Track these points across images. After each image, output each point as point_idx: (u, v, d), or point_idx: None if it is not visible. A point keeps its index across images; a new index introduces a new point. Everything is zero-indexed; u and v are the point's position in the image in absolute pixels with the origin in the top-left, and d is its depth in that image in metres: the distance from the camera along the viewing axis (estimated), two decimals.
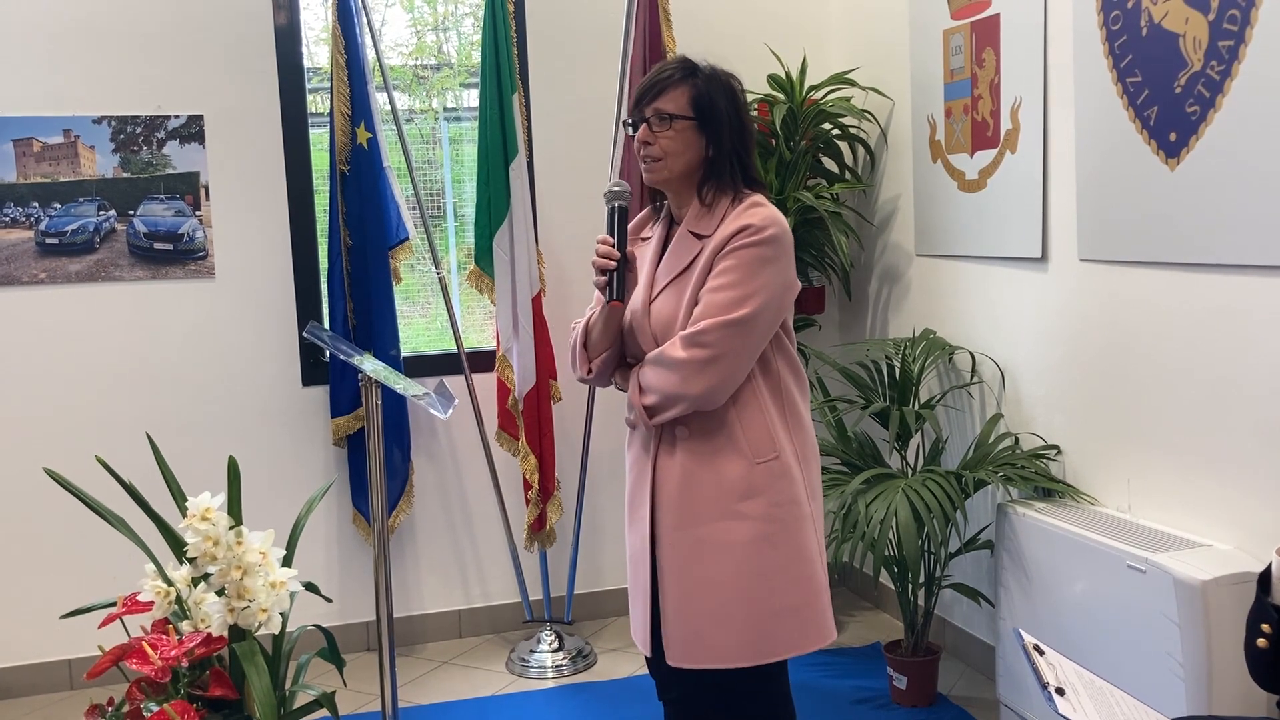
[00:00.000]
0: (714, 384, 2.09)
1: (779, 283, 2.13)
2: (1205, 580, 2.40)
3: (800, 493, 2.19)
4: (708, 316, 2.08)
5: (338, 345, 2.89)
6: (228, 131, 3.76)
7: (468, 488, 4.06)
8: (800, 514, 2.18)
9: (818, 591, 2.21)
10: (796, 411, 2.23)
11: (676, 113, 2.15)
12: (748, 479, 2.15)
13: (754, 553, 2.15)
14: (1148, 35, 2.68)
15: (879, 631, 3.94)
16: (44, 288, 3.66)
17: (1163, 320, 2.73)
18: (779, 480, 2.16)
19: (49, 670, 3.73)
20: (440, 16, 4.28)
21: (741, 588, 2.15)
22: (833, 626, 2.25)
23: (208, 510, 2.28)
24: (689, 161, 2.17)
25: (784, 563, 2.17)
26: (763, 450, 2.15)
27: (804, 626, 2.19)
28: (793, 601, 2.17)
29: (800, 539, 2.18)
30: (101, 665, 2.18)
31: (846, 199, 4.10)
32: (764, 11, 4.20)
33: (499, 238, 3.67)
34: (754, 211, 2.13)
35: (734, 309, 2.07)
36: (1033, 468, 3.08)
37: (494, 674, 3.78)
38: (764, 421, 2.16)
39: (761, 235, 2.10)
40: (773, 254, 2.11)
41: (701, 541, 2.16)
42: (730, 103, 2.18)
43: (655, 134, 2.16)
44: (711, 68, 2.20)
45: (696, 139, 2.16)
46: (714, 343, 2.07)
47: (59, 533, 3.66)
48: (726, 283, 2.09)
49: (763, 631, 2.17)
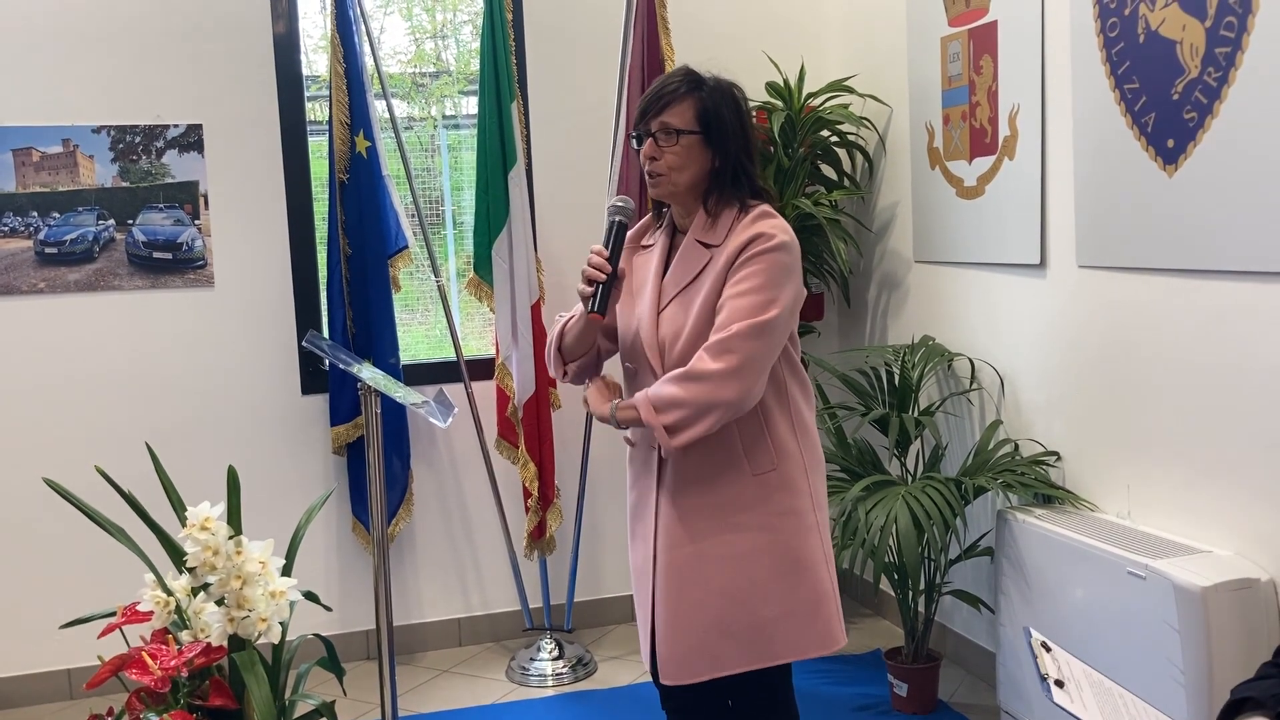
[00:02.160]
0: (746, 388, 2.07)
1: (793, 291, 2.14)
2: (1205, 586, 2.40)
3: (802, 503, 2.19)
4: (735, 321, 2.06)
5: (337, 354, 2.88)
6: (227, 140, 3.76)
7: (467, 496, 4.06)
8: (802, 524, 2.18)
9: (819, 599, 2.20)
10: (803, 421, 2.22)
11: (683, 127, 2.14)
12: (746, 492, 2.15)
13: (750, 563, 2.15)
14: (1145, 42, 2.68)
15: (879, 638, 3.94)
16: (43, 297, 3.66)
17: (1162, 326, 2.73)
18: (777, 492, 2.16)
19: (48, 680, 3.72)
20: (439, 24, 4.29)
21: (735, 598, 2.16)
22: (838, 633, 2.24)
23: (207, 520, 2.27)
24: (695, 175, 2.16)
25: (782, 570, 2.16)
26: (761, 463, 2.15)
27: (801, 632, 2.18)
28: (788, 608, 2.17)
29: (801, 548, 2.18)
30: (101, 675, 2.17)
31: (845, 206, 4.11)
32: (762, 19, 4.20)
33: (498, 246, 3.67)
34: (768, 221, 2.13)
35: (760, 312, 2.06)
36: (1032, 474, 3.07)
37: (494, 682, 3.77)
38: (764, 433, 2.16)
39: (778, 242, 2.10)
40: (790, 261, 2.12)
41: (701, 556, 2.17)
42: (735, 114, 2.17)
43: (661, 149, 2.15)
44: (716, 79, 2.19)
45: (702, 153, 2.15)
46: (742, 347, 2.05)
47: (58, 542, 3.66)
48: (750, 287, 2.08)
49: (755, 638, 2.17)
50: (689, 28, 3.91)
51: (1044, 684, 1.84)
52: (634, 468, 2.31)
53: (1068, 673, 1.87)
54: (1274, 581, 2.46)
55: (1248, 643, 2.41)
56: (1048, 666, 1.87)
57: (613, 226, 2.20)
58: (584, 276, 2.20)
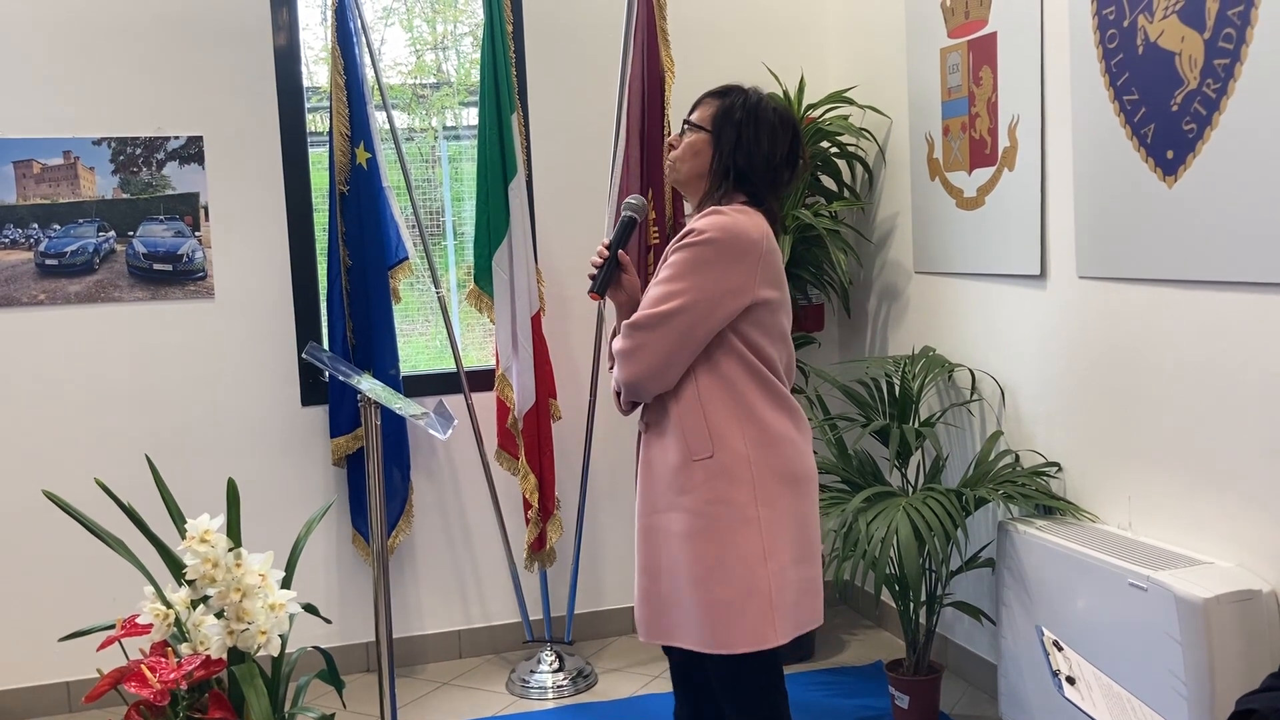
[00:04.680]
0: (637, 372, 2.26)
1: (712, 285, 2.21)
2: (1207, 598, 2.39)
3: (737, 494, 2.24)
4: (642, 309, 2.27)
5: (337, 366, 2.89)
6: (227, 152, 3.77)
7: (467, 507, 4.05)
8: (733, 515, 2.24)
9: (748, 594, 2.23)
10: (758, 419, 2.27)
11: (697, 123, 2.36)
12: (685, 473, 2.27)
13: (689, 544, 2.27)
14: (1144, 53, 2.69)
15: (880, 650, 3.93)
16: (43, 309, 3.66)
17: (1162, 337, 2.73)
18: (713, 479, 2.24)
19: (47, 693, 3.71)
20: (439, 36, 4.30)
21: (681, 575, 2.28)
22: (767, 633, 2.24)
23: (207, 532, 2.27)
24: (696, 168, 2.35)
25: (720, 557, 2.24)
26: (698, 449, 2.25)
27: (753, 623, 2.24)
28: (730, 596, 2.23)
29: (733, 538, 2.24)
30: (100, 688, 2.17)
31: (845, 217, 4.11)
32: (762, 31, 4.21)
33: (498, 257, 3.67)
34: (708, 219, 2.25)
35: (659, 304, 2.23)
36: (1033, 485, 3.07)
37: (494, 695, 3.76)
38: (701, 421, 2.25)
39: (700, 238, 2.22)
40: (709, 256, 2.21)
41: (653, 529, 2.35)
42: (753, 125, 2.31)
43: (680, 140, 2.39)
44: (757, 94, 2.36)
45: (705, 149, 2.34)
46: (636, 335, 2.25)
47: (57, 555, 3.65)
48: (660, 279, 2.27)
49: (713, 620, 2.24)
50: (689, 39, 3.93)
51: (1056, 680, 1.85)
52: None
53: (1078, 672, 1.88)
54: (1275, 593, 2.46)
55: (1249, 654, 2.40)
56: (1060, 663, 1.89)
57: (623, 222, 2.42)
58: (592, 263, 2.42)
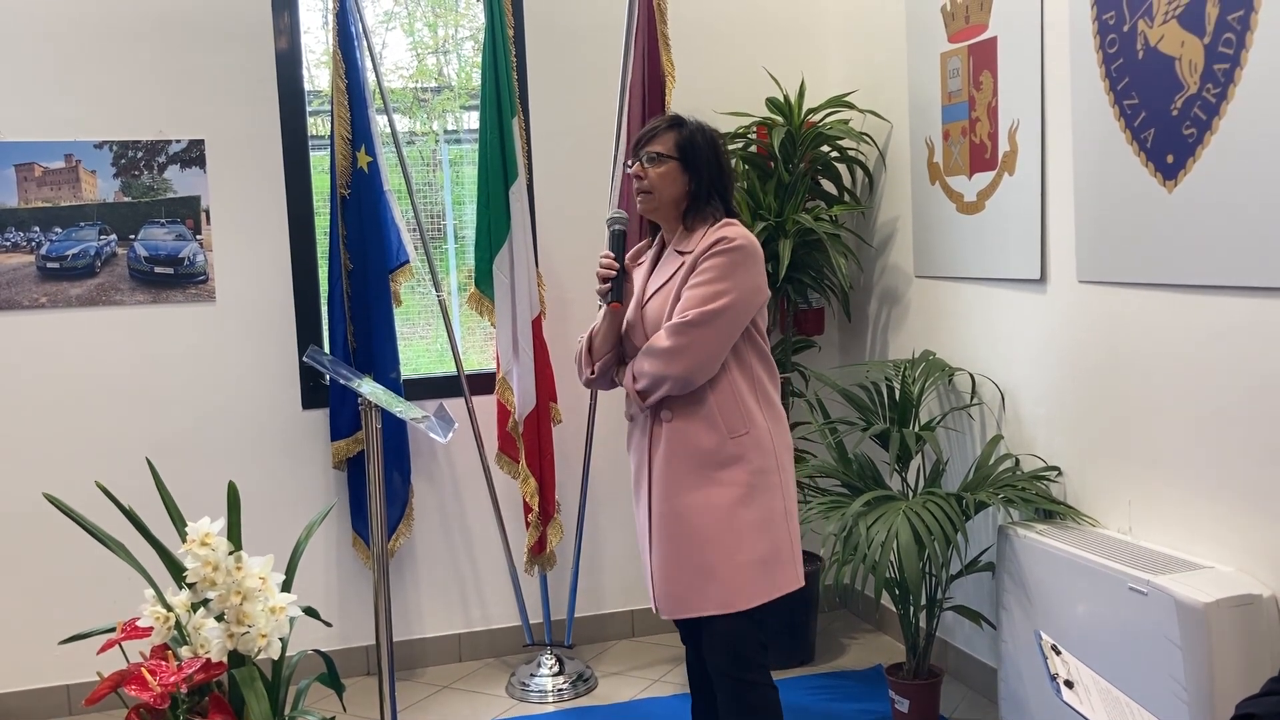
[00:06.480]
0: (691, 365, 2.50)
1: (748, 284, 2.53)
2: (1208, 603, 2.39)
3: (770, 463, 2.59)
4: (689, 308, 2.49)
5: (337, 369, 2.89)
6: (229, 155, 3.77)
7: (468, 511, 4.05)
8: (769, 481, 2.58)
9: (782, 545, 2.60)
10: (768, 397, 2.62)
11: (665, 153, 2.60)
12: (724, 451, 2.54)
13: (730, 513, 2.54)
14: (1144, 58, 2.69)
15: (880, 654, 3.93)
16: (45, 312, 3.67)
17: (1162, 341, 2.73)
18: (751, 451, 2.56)
19: (47, 696, 3.71)
20: (441, 40, 4.30)
21: (718, 541, 2.54)
22: (793, 578, 2.62)
23: (207, 535, 2.27)
24: (674, 194, 2.61)
25: (756, 521, 2.55)
26: (736, 427, 2.55)
27: (771, 576, 2.57)
28: (761, 554, 2.56)
29: (770, 502, 2.58)
30: (100, 691, 2.17)
31: (845, 221, 4.11)
32: (762, 35, 4.22)
33: (499, 260, 3.68)
34: (730, 229, 2.56)
35: (709, 302, 2.49)
36: (1033, 489, 3.07)
37: (494, 698, 3.76)
38: (737, 403, 2.55)
39: (732, 245, 2.52)
40: (741, 259, 2.53)
41: (688, 507, 2.56)
42: (710, 148, 2.63)
43: (648, 170, 2.61)
44: (696, 121, 2.65)
45: (680, 175, 2.60)
46: (689, 331, 2.48)
47: (58, 558, 3.65)
48: (705, 280, 2.51)
49: (736, 580, 2.55)
50: (689, 43, 3.93)
51: (1054, 684, 1.86)
52: (632, 437, 2.70)
53: (1077, 675, 1.88)
54: (1276, 597, 2.46)
55: (1250, 659, 2.40)
56: (1058, 667, 1.89)
57: (614, 235, 2.67)
58: (599, 278, 2.65)
